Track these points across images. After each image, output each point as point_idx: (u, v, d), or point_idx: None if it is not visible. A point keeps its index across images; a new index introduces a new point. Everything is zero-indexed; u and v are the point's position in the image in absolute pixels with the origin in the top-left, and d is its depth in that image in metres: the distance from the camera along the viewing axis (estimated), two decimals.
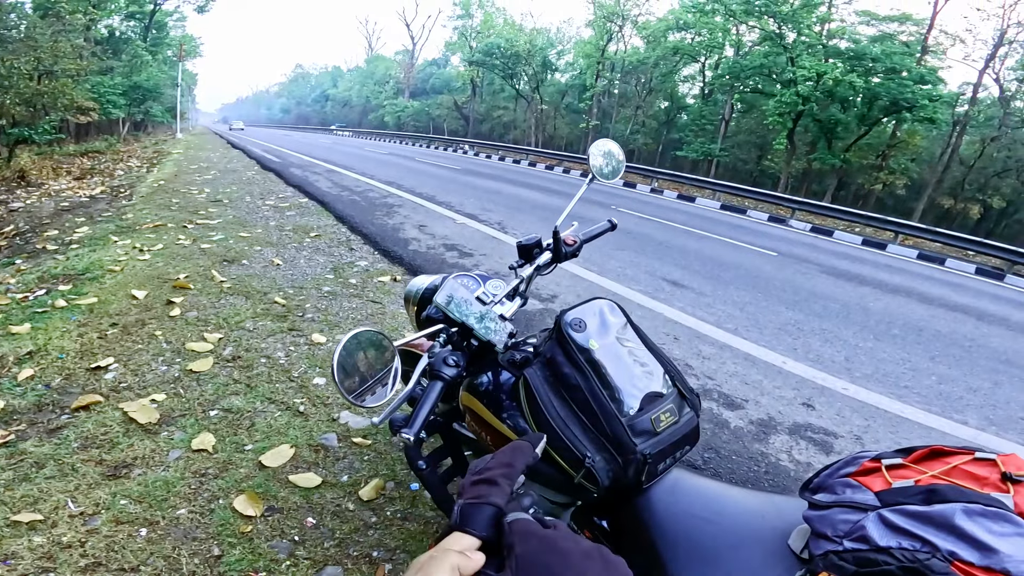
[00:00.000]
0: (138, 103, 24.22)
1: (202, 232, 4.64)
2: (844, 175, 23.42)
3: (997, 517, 0.59)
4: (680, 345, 3.33)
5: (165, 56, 30.09)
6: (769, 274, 5.79)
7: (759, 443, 2.41)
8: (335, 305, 3.24)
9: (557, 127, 35.45)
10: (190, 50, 34.05)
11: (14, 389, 2.10)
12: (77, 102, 14.51)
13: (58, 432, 1.87)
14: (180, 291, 3.18)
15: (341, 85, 65.93)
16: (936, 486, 0.65)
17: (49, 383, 2.16)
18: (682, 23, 25.94)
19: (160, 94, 26.47)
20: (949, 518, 0.59)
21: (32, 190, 8.12)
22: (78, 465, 1.72)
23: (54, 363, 2.30)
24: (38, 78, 12.85)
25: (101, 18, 21.83)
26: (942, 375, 3.59)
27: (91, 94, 17.42)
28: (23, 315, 2.72)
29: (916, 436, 2.67)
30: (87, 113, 16.75)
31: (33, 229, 5.02)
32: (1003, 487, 0.64)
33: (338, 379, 0.75)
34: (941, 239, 11.75)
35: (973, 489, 0.64)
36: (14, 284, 3.24)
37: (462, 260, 4.53)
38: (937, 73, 19.90)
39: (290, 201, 6.64)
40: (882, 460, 0.74)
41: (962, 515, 0.59)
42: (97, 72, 18.46)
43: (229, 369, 2.38)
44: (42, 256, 3.93)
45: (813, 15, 20.87)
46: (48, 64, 12.82)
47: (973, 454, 0.70)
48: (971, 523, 0.58)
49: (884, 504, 0.66)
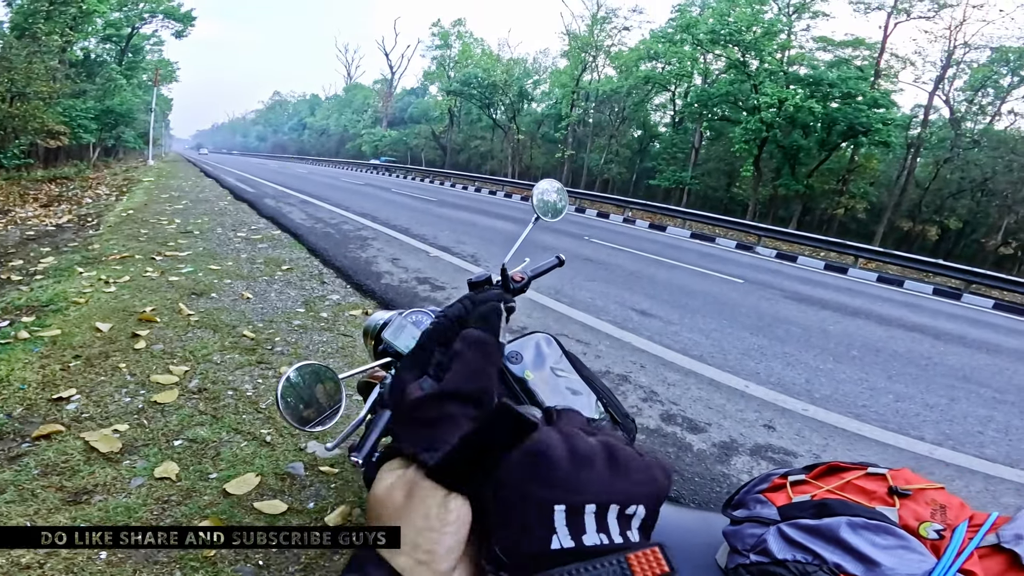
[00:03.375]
0: (110, 128, 23.69)
1: (171, 264, 4.59)
2: (808, 200, 24.25)
3: (879, 530, 0.62)
4: (646, 373, 3.40)
5: (140, 80, 29.47)
6: (735, 301, 5.95)
7: (721, 464, 2.48)
8: (305, 339, 3.24)
9: (533, 157, 35.90)
10: (166, 75, 33.50)
11: None
12: (48, 126, 14.22)
13: (18, 459, 1.86)
14: (146, 324, 3.15)
15: (319, 113, 65.83)
16: (827, 500, 0.69)
17: (10, 412, 2.14)
18: (653, 52, 26.78)
19: (133, 119, 25.93)
20: (835, 531, 0.62)
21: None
22: (38, 491, 1.72)
23: (16, 393, 2.28)
24: (10, 100, 12.53)
25: (77, 40, 21.44)
26: (899, 393, 3.71)
27: (62, 118, 17.01)
28: None
29: (872, 453, 2.77)
30: (57, 137, 16.39)
31: None
32: (889, 501, 0.68)
33: (283, 409, 0.78)
34: (900, 262, 12.25)
35: (860, 503, 0.68)
36: None
37: (434, 293, 4.55)
38: (890, 96, 20.85)
39: (263, 233, 6.62)
40: (788, 477, 0.79)
41: (847, 528, 0.62)
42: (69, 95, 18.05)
43: (195, 401, 2.38)
44: (6, 287, 3.85)
45: (774, 42, 21.81)
46: (21, 86, 12.51)
47: (866, 469, 0.75)
48: (855, 536, 0.61)
49: (784, 518, 0.69)
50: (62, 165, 19.88)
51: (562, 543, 0.35)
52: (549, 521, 0.36)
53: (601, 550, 0.35)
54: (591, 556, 0.34)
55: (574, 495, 0.37)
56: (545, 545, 0.35)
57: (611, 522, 0.38)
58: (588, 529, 0.36)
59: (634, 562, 0.33)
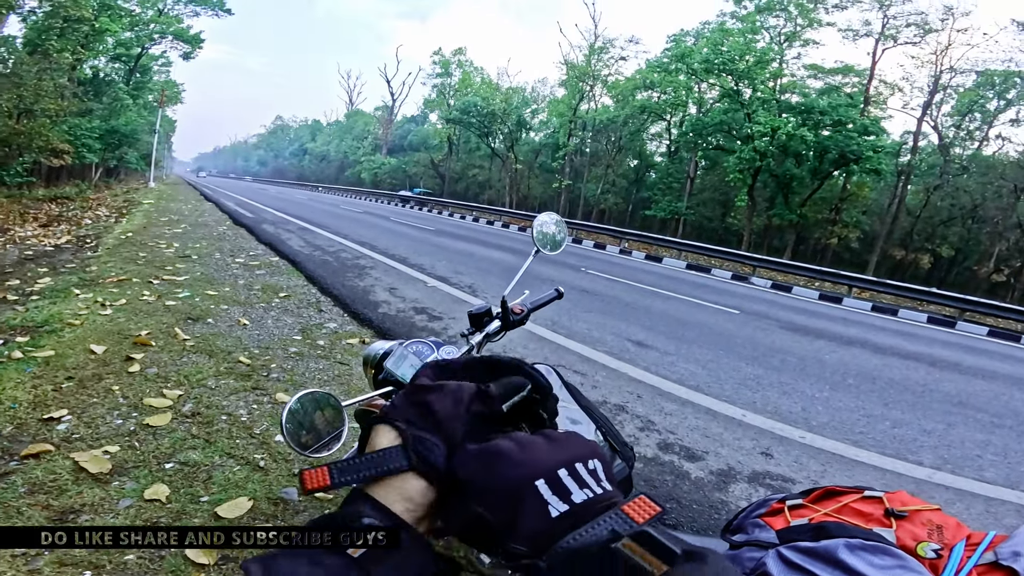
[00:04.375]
0: (114, 148, 23.61)
1: (168, 288, 4.58)
2: (802, 230, 24.46)
3: (877, 551, 0.62)
4: (643, 403, 3.40)
5: (146, 101, 29.69)
6: (731, 331, 5.98)
7: (719, 492, 2.47)
8: (301, 366, 3.22)
9: (531, 186, 36.26)
10: (172, 96, 33.71)
11: None
12: (53, 144, 14.03)
13: (5, 477, 1.84)
14: (141, 347, 3.14)
15: (319, 139, 66.42)
16: (824, 523, 0.70)
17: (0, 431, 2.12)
18: (649, 82, 27.36)
19: (137, 140, 25.95)
20: (833, 553, 0.63)
21: None
22: (24, 509, 1.70)
23: (5, 412, 2.26)
24: (16, 116, 12.39)
25: (88, 58, 21.48)
26: (896, 420, 3.74)
27: (67, 136, 16.86)
28: None
29: (871, 478, 2.78)
30: (61, 156, 16.22)
31: None
32: (886, 522, 0.69)
33: (288, 434, 0.80)
34: (894, 291, 12.36)
35: (857, 525, 0.69)
36: None
37: (431, 324, 4.54)
38: (879, 123, 21.22)
39: (261, 259, 6.63)
40: (786, 501, 0.80)
41: (844, 550, 0.63)
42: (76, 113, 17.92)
43: (188, 424, 2.35)
44: (1, 306, 3.85)
45: (766, 71, 22.34)
46: (29, 102, 12.39)
47: (862, 492, 0.77)
48: (853, 557, 0.62)
49: (782, 542, 0.70)
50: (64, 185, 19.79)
51: (559, 509, 0.38)
52: (538, 496, 0.39)
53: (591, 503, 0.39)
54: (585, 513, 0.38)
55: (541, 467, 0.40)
56: (546, 515, 0.38)
57: (585, 477, 0.41)
58: (571, 489, 0.40)
59: (630, 511, 0.37)
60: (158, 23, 26.49)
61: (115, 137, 22.78)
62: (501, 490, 0.40)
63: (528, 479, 0.40)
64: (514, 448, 0.42)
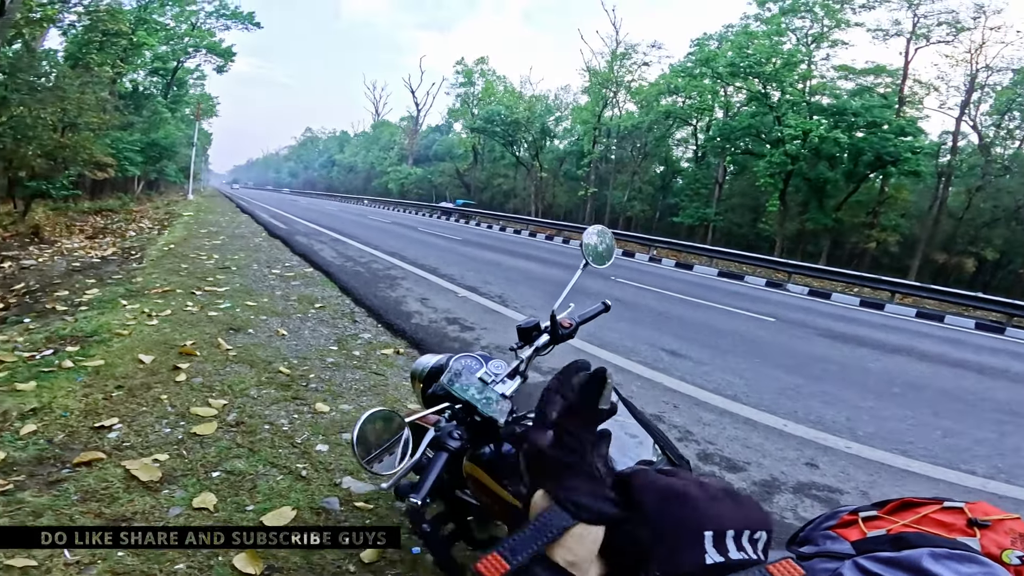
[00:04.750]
0: (154, 161, 24.08)
1: (209, 299, 4.72)
2: (837, 234, 23.75)
3: (963, 559, 0.62)
4: (680, 413, 3.35)
5: (183, 114, 30.47)
6: (768, 340, 5.85)
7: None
8: (338, 376, 3.27)
9: (556, 195, 36.14)
10: (207, 109, 34.55)
11: (15, 442, 2.14)
12: (96, 157, 14.26)
13: (58, 484, 1.89)
14: (186, 357, 3.23)
15: (347, 150, 67.48)
16: (905, 534, 0.69)
17: (51, 439, 2.19)
18: (673, 87, 27.02)
19: (176, 152, 26.52)
20: (917, 562, 0.62)
21: (45, 247, 8.30)
22: (76, 516, 1.74)
23: (57, 420, 2.34)
24: (61, 130, 12.61)
25: (127, 72, 22.06)
26: (947, 429, 3.62)
27: (110, 150, 17.17)
28: (29, 373, 2.77)
29: (923, 488, 2.67)
30: (104, 169, 16.52)
31: (43, 288, 5.12)
32: (969, 532, 0.68)
33: (356, 448, 0.85)
34: (938, 296, 11.89)
35: (940, 535, 0.68)
36: (22, 343, 3.30)
37: (463, 334, 4.56)
38: (916, 123, 20.50)
39: (295, 270, 6.78)
40: (859, 513, 0.79)
41: (929, 559, 0.62)
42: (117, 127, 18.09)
43: (232, 433, 2.41)
44: (51, 316, 4.02)
45: (795, 73, 21.80)
46: (72, 116, 12.59)
47: (942, 503, 0.75)
48: (939, 566, 0.61)
49: (859, 552, 0.69)
50: (108, 197, 20.53)
51: (714, 559, 0.42)
52: (700, 544, 0.42)
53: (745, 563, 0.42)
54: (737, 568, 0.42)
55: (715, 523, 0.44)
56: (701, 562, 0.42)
57: (746, 544, 0.44)
58: (731, 548, 0.43)
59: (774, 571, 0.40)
60: (192, 36, 27.33)
61: (155, 150, 23.30)
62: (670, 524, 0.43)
63: (699, 526, 0.43)
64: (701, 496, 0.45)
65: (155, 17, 23.33)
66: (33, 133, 11.13)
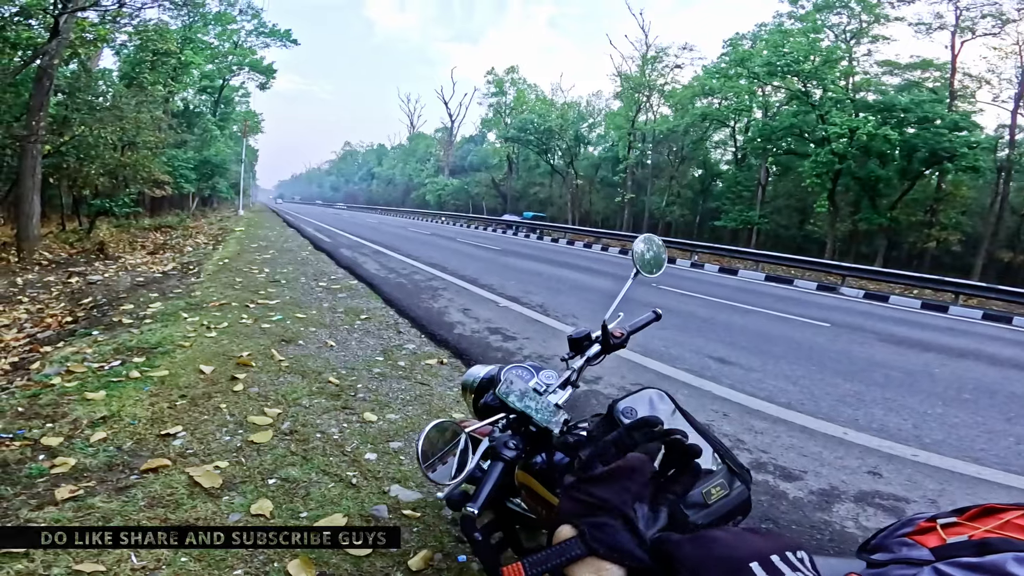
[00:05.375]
0: (207, 178, 24.89)
1: (262, 312, 4.90)
2: (893, 234, 22.62)
3: None
4: (730, 421, 3.25)
5: (231, 131, 31.67)
6: (822, 346, 5.61)
7: (821, 512, 2.32)
8: (385, 386, 3.33)
9: (593, 202, 35.92)
10: (253, 126, 35.69)
11: (86, 449, 2.26)
12: (155, 175, 14.71)
13: (126, 491, 1.99)
14: (243, 368, 3.37)
15: (385, 163, 69.06)
16: (988, 539, 0.66)
17: (120, 446, 2.31)
18: (708, 89, 26.53)
19: (226, 169, 27.47)
20: (1001, 566, 0.59)
21: (109, 263, 8.81)
22: (144, 522, 1.81)
23: (126, 428, 2.46)
24: (121, 149, 13.07)
25: (178, 90, 22.99)
26: (1021, 435, 3.42)
27: (167, 167, 17.66)
28: (99, 383, 2.94)
29: (996, 497, 2.48)
30: (162, 187, 17.10)
31: (110, 302, 5.42)
32: None
33: (420, 457, 0.87)
34: (1006, 296, 11.17)
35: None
36: (91, 354, 3.50)
37: (506, 344, 4.55)
38: (970, 118, 19.54)
39: (341, 283, 6.96)
40: (937, 520, 0.76)
41: (1014, 563, 0.59)
42: (172, 145, 18.80)
43: (287, 442, 2.48)
44: (118, 329, 4.25)
45: (836, 70, 21.13)
46: (131, 135, 12.95)
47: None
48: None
49: (939, 558, 0.66)
50: (166, 214, 21.54)
51: None
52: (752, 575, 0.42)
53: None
54: None
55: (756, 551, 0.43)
56: None
57: (796, 563, 0.44)
58: (784, 570, 0.42)
59: None
60: (235, 55, 28.62)
61: (207, 167, 24.14)
62: (718, 568, 0.43)
63: (744, 560, 0.43)
64: (729, 536, 0.46)
65: (199, 36, 24.39)
66: (95, 152, 11.63)
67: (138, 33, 14.48)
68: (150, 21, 15.82)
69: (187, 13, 20.15)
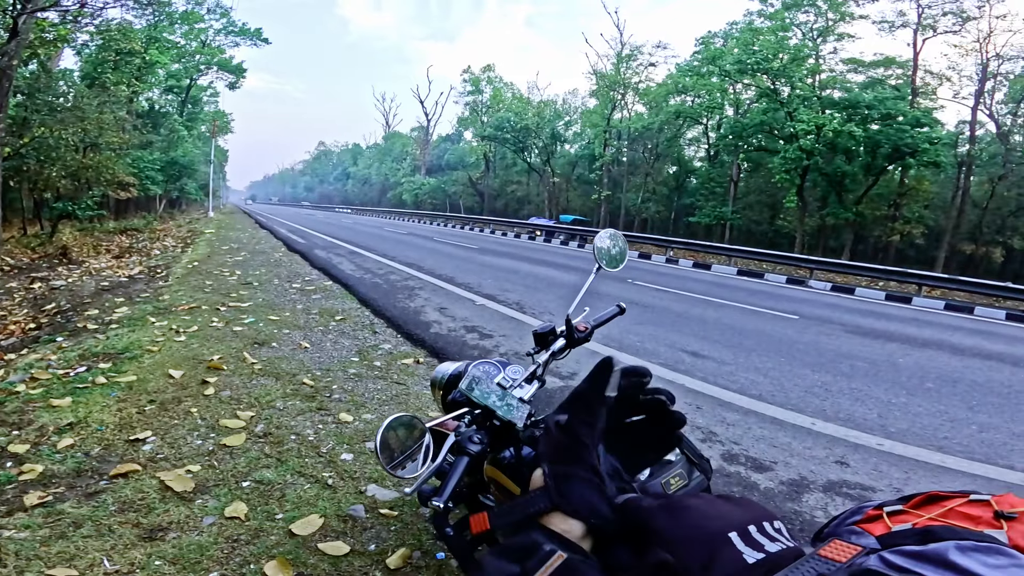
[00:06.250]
0: (174, 179, 24.39)
1: (234, 315, 4.81)
2: (860, 228, 23.33)
3: (991, 551, 0.60)
4: (703, 414, 3.31)
5: (199, 132, 30.89)
6: (792, 338, 5.75)
7: (791, 502, 2.38)
8: (361, 386, 3.31)
9: (570, 199, 36.08)
10: (222, 126, 34.89)
11: (54, 455, 2.21)
12: (119, 177, 14.38)
13: (96, 496, 1.95)
14: (214, 371, 3.30)
15: (361, 163, 67.97)
16: (931, 527, 0.67)
17: (88, 452, 2.27)
18: (681, 86, 26.95)
19: (195, 170, 26.90)
20: (943, 554, 0.60)
21: (73, 268, 8.52)
22: (115, 527, 1.79)
23: (94, 434, 2.41)
24: (83, 150, 12.72)
25: (143, 91, 22.42)
26: (983, 423, 3.53)
27: (132, 169, 17.24)
28: (64, 389, 2.87)
29: (960, 484, 2.61)
30: (127, 189, 16.66)
31: (74, 308, 5.26)
32: (996, 524, 0.67)
33: (380, 454, 0.85)
34: (967, 287, 11.60)
35: (966, 528, 0.67)
36: (55, 360, 3.40)
37: (483, 342, 4.56)
38: (931, 114, 20.20)
39: (315, 284, 6.85)
40: (884, 508, 0.78)
41: (955, 551, 0.60)
42: (137, 146, 18.35)
43: (261, 444, 2.45)
44: (83, 335, 4.13)
45: (803, 67, 21.64)
46: (93, 136, 12.64)
47: (968, 497, 0.74)
48: (965, 558, 0.59)
49: (884, 546, 0.66)
50: (132, 217, 20.92)
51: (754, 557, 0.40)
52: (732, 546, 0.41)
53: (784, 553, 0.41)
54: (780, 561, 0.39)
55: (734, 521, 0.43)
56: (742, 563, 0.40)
57: (773, 534, 0.43)
58: (763, 542, 0.42)
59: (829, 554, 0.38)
60: (202, 54, 27.94)
61: (175, 168, 23.60)
62: (695, 539, 0.42)
63: (722, 531, 0.42)
64: (703, 504, 0.45)
65: (165, 35, 23.79)
66: (56, 154, 11.29)
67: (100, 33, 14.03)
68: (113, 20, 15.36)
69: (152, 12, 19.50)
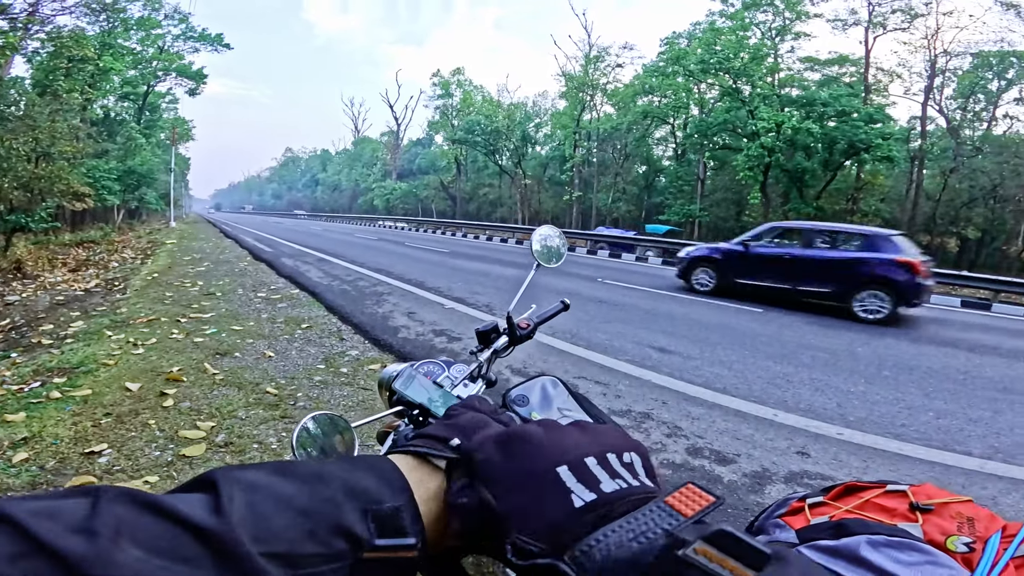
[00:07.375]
0: (133, 189, 23.49)
1: (195, 326, 4.69)
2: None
3: (903, 547, 0.60)
4: (668, 409, 3.35)
5: (158, 139, 29.79)
6: (755, 331, 5.89)
7: (754, 494, 2.41)
8: (327, 393, 3.27)
9: (542, 201, 36.20)
10: (183, 133, 33.66)
11: (8, 469, 2.17)
12: (74, 187, 13.79)
13: None
14: (173, 383, 3.22)
15: (330, 169, 66.93)
16: (844, 521, 0.67)
17: (43, 465, 2.21)
18: (648, 87, 27.50)
19: (155, 179, 25.91)
20: (855, 550, 0.60)
21: (28, 282, 8.16)
22: None
23: (48, 448, 2.35)
24: (36, 160, 12.16)
25: (97, 98, 21.68)
26: (939, 410, 3.63)
27: (87, 179, 16.57)
28: (18, 404, 2.79)
29: (918, 472, 2.70)
30: (83, 199, 15.95)
31: (29, 323, 5.06)
32: (911, 517, 0.66)
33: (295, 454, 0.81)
34: None
35: (880, 521, 0.66)
36: (9, 376, 3.29)
37: (451, 345, 4.56)
38: (884, 110, 21.03)
39: (282, 292, 6.72)
40: (806, 500, 0.78)
41: (867, 547, 0.60)
42: (93, 155, 17.46)
43: (222, 454, 2.40)
44: (37, 350, 3.97)
45: (763, 66, 22.35)
46: (46, 145, 12.14)
47: (885, 487, 0.73)
48: (876, 554, 0.59)
49: (802, 541, 0.67)
50: (88, 228, 20.10)
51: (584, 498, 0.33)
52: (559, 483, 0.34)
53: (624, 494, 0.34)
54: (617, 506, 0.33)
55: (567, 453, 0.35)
56: (568, 505, 0.33)
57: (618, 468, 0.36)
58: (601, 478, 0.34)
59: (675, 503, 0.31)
60: (160, 60, 26.99)
61: (133, 177, 22.69)
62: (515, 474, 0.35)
63: (550, 464, 0.35)
64: (539, 432, 0.37)
65: (120, 42, 23.03)
66: (7, 164, 10.79)
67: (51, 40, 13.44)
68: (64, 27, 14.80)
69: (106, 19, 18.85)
